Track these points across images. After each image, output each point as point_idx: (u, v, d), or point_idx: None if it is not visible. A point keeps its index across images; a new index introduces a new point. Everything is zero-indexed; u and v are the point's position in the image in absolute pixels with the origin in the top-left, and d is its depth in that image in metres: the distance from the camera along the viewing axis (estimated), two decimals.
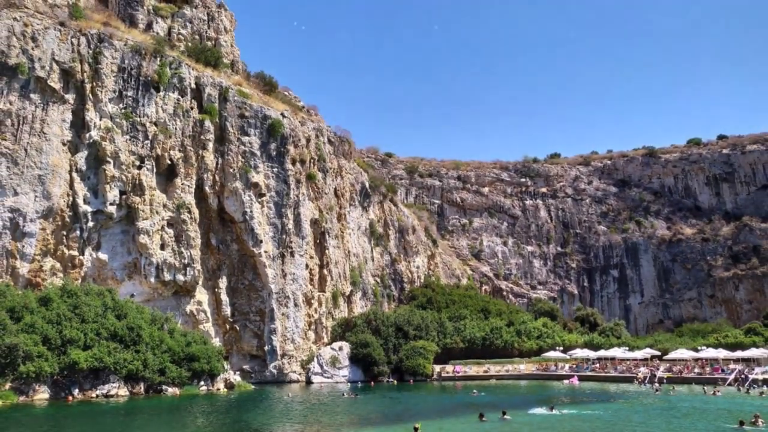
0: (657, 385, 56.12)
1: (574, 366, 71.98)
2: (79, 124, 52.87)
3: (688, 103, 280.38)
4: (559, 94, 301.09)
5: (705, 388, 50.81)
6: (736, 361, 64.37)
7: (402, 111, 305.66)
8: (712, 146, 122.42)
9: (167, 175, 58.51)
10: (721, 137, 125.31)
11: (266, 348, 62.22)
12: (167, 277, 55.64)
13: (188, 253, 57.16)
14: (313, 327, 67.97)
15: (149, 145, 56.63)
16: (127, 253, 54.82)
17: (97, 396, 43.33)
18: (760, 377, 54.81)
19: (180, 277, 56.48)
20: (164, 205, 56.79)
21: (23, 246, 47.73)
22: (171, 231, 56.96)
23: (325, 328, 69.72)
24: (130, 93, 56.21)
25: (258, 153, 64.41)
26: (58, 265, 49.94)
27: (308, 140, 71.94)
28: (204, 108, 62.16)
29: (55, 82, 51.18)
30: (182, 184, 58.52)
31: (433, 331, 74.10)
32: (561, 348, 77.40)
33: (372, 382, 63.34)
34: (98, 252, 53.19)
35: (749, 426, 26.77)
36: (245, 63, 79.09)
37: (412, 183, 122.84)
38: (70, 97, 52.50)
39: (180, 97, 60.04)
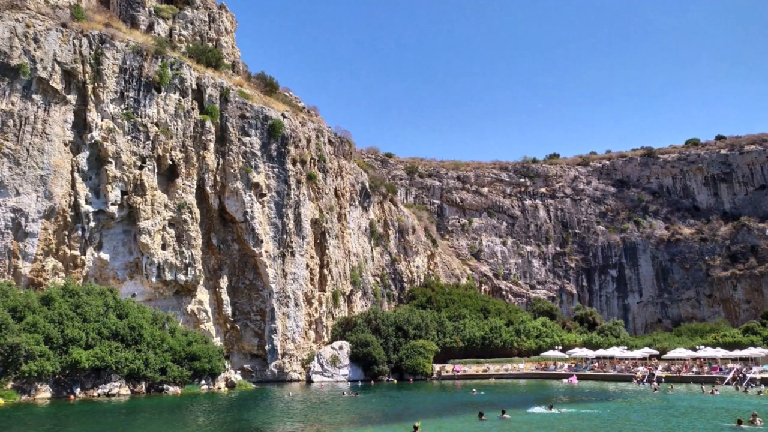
0: (655, 384, 56.42)
1: (573, 365, 72.30)
2: (81, 125, 53.07)
3: (687, 104, 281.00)
4: (558, 94, 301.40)
5: (703, 387, 51.11)
6: (734, 360, 64.74)
7: (402, 111, 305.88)
8: (710, 146, 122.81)
9: (168, 175, 58.74)
10: (719, 138, 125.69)
11: (267, 347, 62.48)
12: (168, 276, 55.88)
13: (189, 253, 57.40)
14: (313, 326, 68.23)
15: (150, 145, 56.84)
16: (129, 252, 55.05)
17: (99, 395, 43.52)
18: (758, 376, 55.14)
19: (181, 277, 56.72)
20: (165, 205, 57.02)
21: (25, 246, 47.93)
22: (172, 231, 57.21)
23: (325, 327, 69.98)
24: (131, 94, 56.43)
25: (259, 153, 64.66)
26: (59, 264, 50.15)
27: (308, 141, 72.19)
28: (205, 108, 62.40)
29: (56, 83, 51.38)
30: (183, 184, 58.75)
31: (432, 330, 74.37)
32: (560, 347, 77.73)
33: (372, 381, 63.60)
34: (100, 252, 53.41)
35: (747, 425, 27.01)
36: (246, 64, 79.43)
37: (412, 183, 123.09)
38: (72, 97, 52.71)
39: (181, 97, 60.27)
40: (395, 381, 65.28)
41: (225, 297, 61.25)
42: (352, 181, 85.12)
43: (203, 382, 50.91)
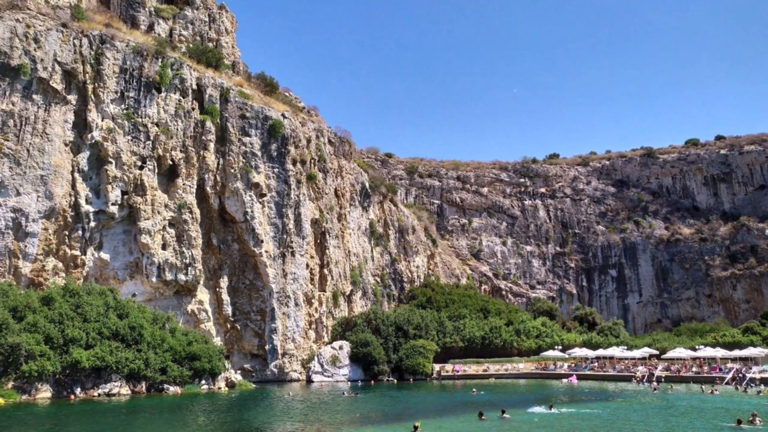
0: (655, 383, 56.50)
1: (573, 365, 72.37)
2: (81, 125, 53.12)
3: (687, 104, 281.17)
4: (558, 94, 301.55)
5: (703, 386, 51.17)
6: (734, 360, 64.79)
7: (402, 111, 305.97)
8: (710, 147, 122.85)
9: (168, 175, 58.80)
10: (719, 138, 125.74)
11: (267, 347, 62.53)
12: (169, 276, 55.93)
13: (189, 253, 57.46)
14: (313, 326, 68.28)
15: (151, 145, 56.89)
16: (129, 252, 55.11)
17: (99, 395, 43.57)
18: (758, 376, 55.19)
19: (181, 277, 56.77)
20: (166, 205, 57.08)
21: (26, 246, 47.98)
22: (172, 231, 57.26)
23: (325, 327, 70.03)
24: (131, 94, 56.48)
25: (259, 153, 64.71)
26: (60, 264, 50.20)
27: (309, 141, 72.25)
28: (205, 109, 62.45)
29: (57, 83, 51.43)
30: (183, 184, 58.81)
31: (432, 330, 74.42)
32: (560, 347, 77.79)
33: (372, 381, 63.64)
34: (100, 252, 53.47)
35: (747, 425, 27.07)
36: (246, 64, 79.46)
37: (412, 183, 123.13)
38: (72, 97, 52.76)
39: (181, 97, 60.32)
40: (395, 381, 65.32)
41: (225, 297, 61.31)
42: (352, 181, 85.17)
43: (203, 381, 50.96)
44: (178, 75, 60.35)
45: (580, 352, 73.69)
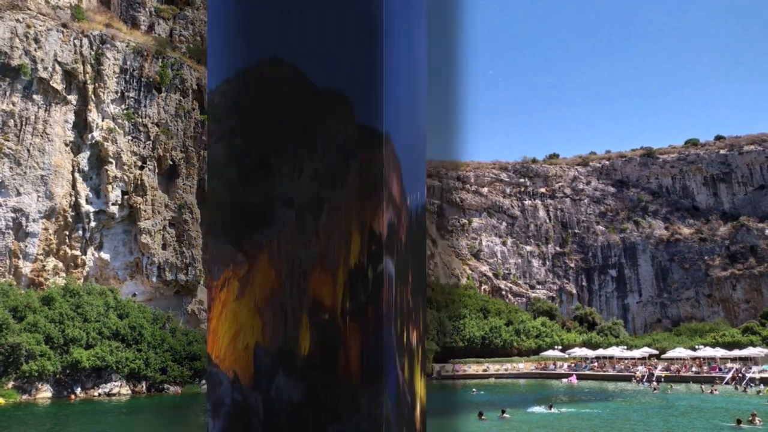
0: (655, 383, 56.52)
1: (573, 365, 72.37)
2: (82, 125, 53.14)
3: (687, 104, 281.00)
4: (558, 94, 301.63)
5: (702, 386, 51.19)
6: (734, 360, 64.78)
7: None
8: (709, 147, 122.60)
9: (169, 175, 58.81)
10: (718, 138, 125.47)
11: None
12: (169, 276, 55.95)
13: (190, 253, 57.48)
14: None
15: (151, 145, 56.91)
16: (129, 252, 55.14)
17: (99, 395, 43.65)
18: (758, 376, 55.22)
19: (182, 277, 56.79)
20: (166, 205, 57.11)
21: (26, 246, 48.00)
22: (173, 231, 57.28)
23: None
24: (132, 94, 56.49)
25: None
26: (60, 264, 50.23)
27: None
28: (205, 109, 62.40)
29: (57, 83, 51.43)
30: (184, 184, 58.84)
31: (432, 330, 74.41)
32: (560, 347, 77.76)
33: None
34: (100, 252, 53.50)
35: (746, 424, 27.13)
36: None
37: None
38: (73, 98, 52.78)
39: (182, 97, 60.35)
40: None
41: None
42: None
43: (204, 381, 50.95)
44: (179, 75, 60.38)
45: (580, 352, 73.68)
